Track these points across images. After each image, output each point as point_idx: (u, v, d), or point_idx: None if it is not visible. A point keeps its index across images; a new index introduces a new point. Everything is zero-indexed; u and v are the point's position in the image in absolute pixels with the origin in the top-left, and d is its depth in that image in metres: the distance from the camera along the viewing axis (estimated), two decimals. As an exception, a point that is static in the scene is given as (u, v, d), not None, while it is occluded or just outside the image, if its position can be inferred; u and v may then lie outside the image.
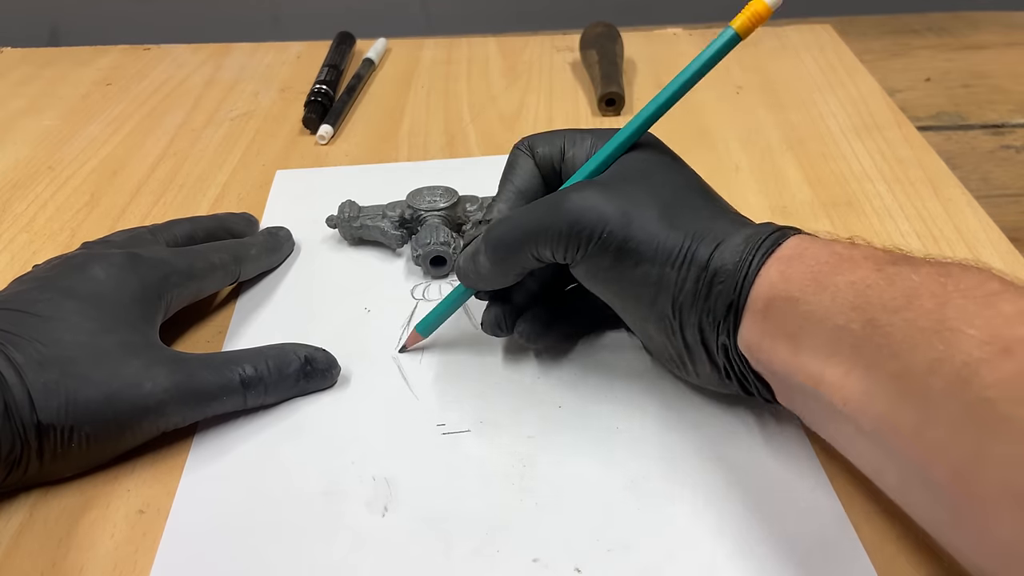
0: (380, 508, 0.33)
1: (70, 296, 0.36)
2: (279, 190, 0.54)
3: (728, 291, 0.31)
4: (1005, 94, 0.68)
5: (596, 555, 0.31)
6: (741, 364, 0.32)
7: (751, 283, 0.30)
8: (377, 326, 0.42)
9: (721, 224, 0.32)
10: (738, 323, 0.31)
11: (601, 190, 0.33)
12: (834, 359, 0.27)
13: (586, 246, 0.33)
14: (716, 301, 0.31)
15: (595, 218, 0.32)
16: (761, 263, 0.30)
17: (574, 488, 0.33)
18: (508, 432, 0.36)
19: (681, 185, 0.35)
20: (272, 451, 0.35)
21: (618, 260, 0.32)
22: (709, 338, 0.32)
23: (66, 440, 0.33)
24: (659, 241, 0.32)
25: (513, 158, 0.39)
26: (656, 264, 0.32)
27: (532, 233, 0.34)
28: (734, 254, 0.31)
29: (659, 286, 0.32)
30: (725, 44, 0.33)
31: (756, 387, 0.32)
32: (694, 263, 0.31)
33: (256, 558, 0.31)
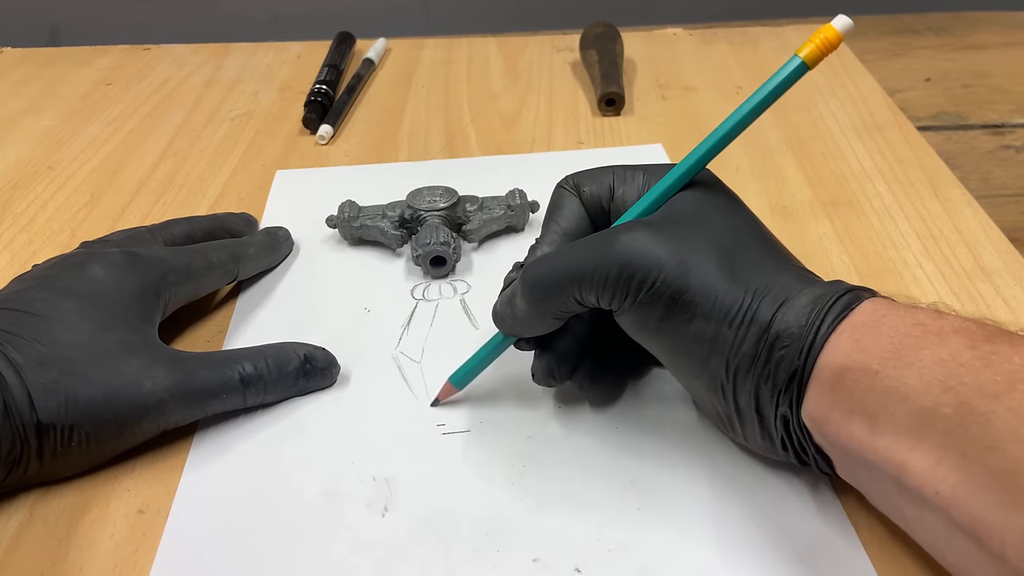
0: (380, 508, 0.33)
1: (69, 295, 0.36)
2: (279, 190, 0.54)
3: (792, 357, 0.28)
4: (1005, 94, 0.68)
5: (596, 555, 0.31)
6: (802, 436, 0.29)
7: (819, 350, 0.28)
8: (377, 326, 0.42)
9: (785, 279, 0.30)
10: (802, 394, 0.28)
11: (655, 231, 0.30)
12: (922, 445, 0.25)
13: (636, 293, 0.30)
14: (777, 367, 0.28)
15: (649, 263, 0.30)
16: (831, 328, 0.28)
17: (574, 488, 0.33)
18: (508, 432, 0.36)
19: (742, 231, 0.32)
20: (272, 451, 0.35)
21: (670, 312, 0.30)
22: (766, 407, 0.29)
23: (66, 439, 0.33)
24: (717, 295, 0.29)
25: (557, 197, 0.36)
26: (712, 321, 0.29)
27: (576, 274, 0.31)
28: (800, 316, 0.28)
29: (713, 345, 0.29)
30: (791, 75, 0.31)
31: (815, 460, 0.30)
32: (754, 323, 0.29)
33: (256, 558, 0.31)
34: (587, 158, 0.57)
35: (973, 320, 0.27)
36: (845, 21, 0.30)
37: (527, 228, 0.49)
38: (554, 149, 0.59)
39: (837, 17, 0.30)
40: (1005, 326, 0.26)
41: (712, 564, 0.30)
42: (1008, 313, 0.41)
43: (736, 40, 0.75)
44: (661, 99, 0.65)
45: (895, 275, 0.44)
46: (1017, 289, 0.43)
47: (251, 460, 0.35)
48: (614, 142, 0.59)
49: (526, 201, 0.48)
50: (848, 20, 0.30)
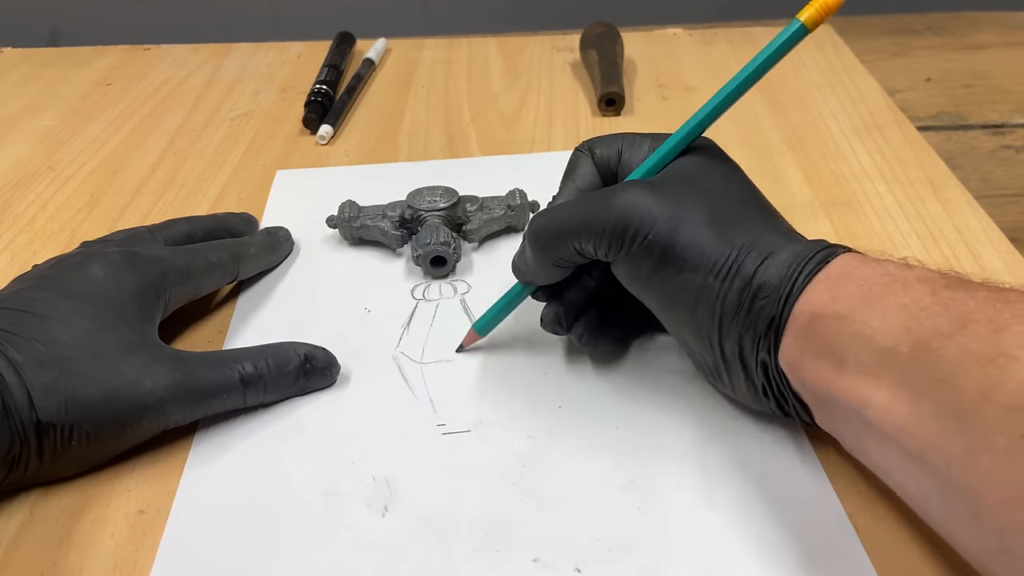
0: (380, 508, 0.33)
1: (68, 295, 0.36)
2: (279, 190, 0.54)
3: (771, 306, 0.30)
4: (1005, 94, 0.68)
5: (596, 555, 0.31)
6: (780, 383, 0.31)
7: (795, 299, 0.30)
8: (377, 326, 0.42)
9: (771, 238, 0.32)
10: (779, 340, 0.30)
11: (651, 190, 0.33)
12: (881, 381, 0.27)
13: (629, 245, 0.32)
14: (758, 316, 0.30)
15: (642, 218, 0.32)
16: (808, 280, 0.30)
17: (574, 488, 0.33)
18: (508, 432, 0.36)
19: (735, 193, 0.34)
20: (272, 451, 0.35)
21: (661, 264, 0.32)
22: (748, 354, 0.31)
23: (66, 438, 0.33)
24: (704, 249, 0.31)
25: (574, 159, 0.38)
26: (699, 273, 0.31)
27: (576, 225, 0.33)
28: (780, 269, 0.30)
29: (700, 295, 0.32)
30: (790, 38, 0.32)
31: (795, 408, 0.32)
32: (738, 275, 0.31)
33: (257, 558, 0.31)
34: (587, 158, 0.57)
35: (938, 271, 0.28)
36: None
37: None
38: (554, 149, 0.59)
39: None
40: (969, 276, 0.28)
41: (712, 564, 0.30)
42: (1008, 313, 0.41)
43: (736, 40, 0.75)
44: (661, 99, 0.65)
45: (895, 275, 0.44)
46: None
47: (251, 460, 0.35)
48: (614, 142, 0.59)
49: (526, 201, 0.48)
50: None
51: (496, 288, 0.45)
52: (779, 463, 0.34)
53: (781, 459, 0.34)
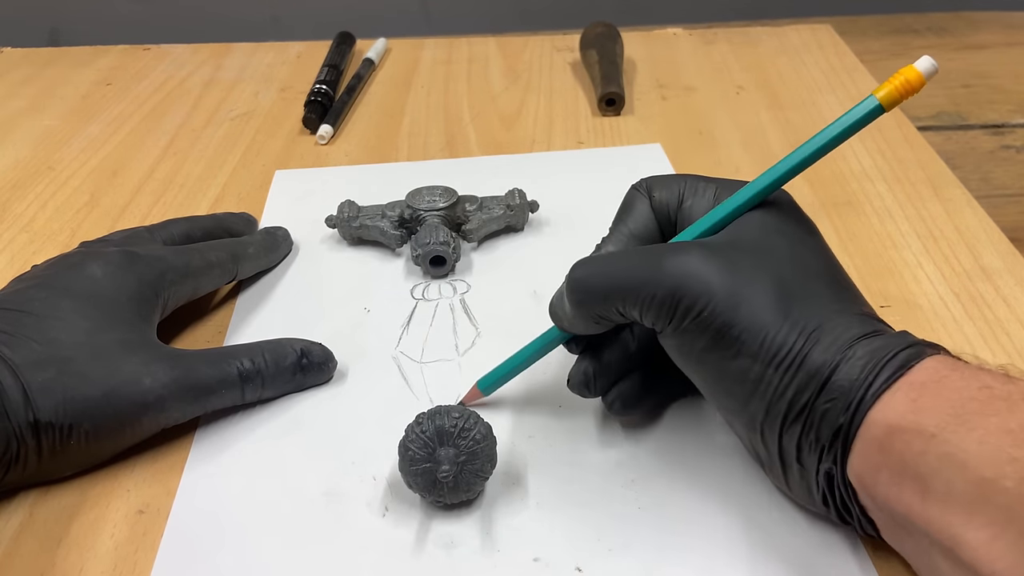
0: (380, 508, 0.33)
1: (67, 295, 0.36)
2: (278, 190, 0.54)
3: (838, 411, 0.26)
4: (1005, 94, 0.68)
5: (597, 554, 0.31)
6: (846, 495, 0.28)
7: (868, 406, 0.26)
8: (377, 326, 0.42)
9: (846, 324, 0.28)
10: (847, 451, 0.27)
11: (710, 257, 0.29)
12: (978, 519, 0.23)
13: (681, 319, 0.29)
14: (822, 419, 0.27)
15: (699, 290, 0.28)
16: (886, 385, 0.26)
17: (575, 487, 0.33)
18: (508, 432, 0.36)
19: (808, 265, 0.30)
20: (273, 452, 0.35)
21: (715, 345, 0.28)
22: (807, 459, 0.28)
23: (65, 438, 0.33)
24: (767, 334, 0.27)
25: (629, 199, 0.35)
26: (758, 361, 0.28)
27: (620, 286, 0.30)
28: (853, 368, 0.26)
29: (756, 386, 0.28)
30: (866, 115, 0.29)
31: (859, 521, 0.28)
32: (802, 369, 0.27)
33: (257, 558, 0.31)
34: (587, 158, 0.57)
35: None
36: (929, 64, 0.28)
37: (527, 228, 0.49)
38: (554, 149, 0.59)
39: (921, 58, 0.28)
40: None
41: (712, 564, 0.30)
42: (1008, 312, 0.41)
43: (736, 40, 0.75)
44: (661, 99, 0.65)
45: (895, 275, 0.44)
46: (1017, 289, 0.43)
47: (252, 461, 0.35)
48: (614, 142, 0.59)
49: (525, 201, 0.48)
50: (933, 63, 0.28)
51: (496, 288, 0.45)
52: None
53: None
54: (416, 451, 0.31)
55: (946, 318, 0.41)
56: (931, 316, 0.41)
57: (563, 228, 0.49)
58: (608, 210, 0.36)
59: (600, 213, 0.50)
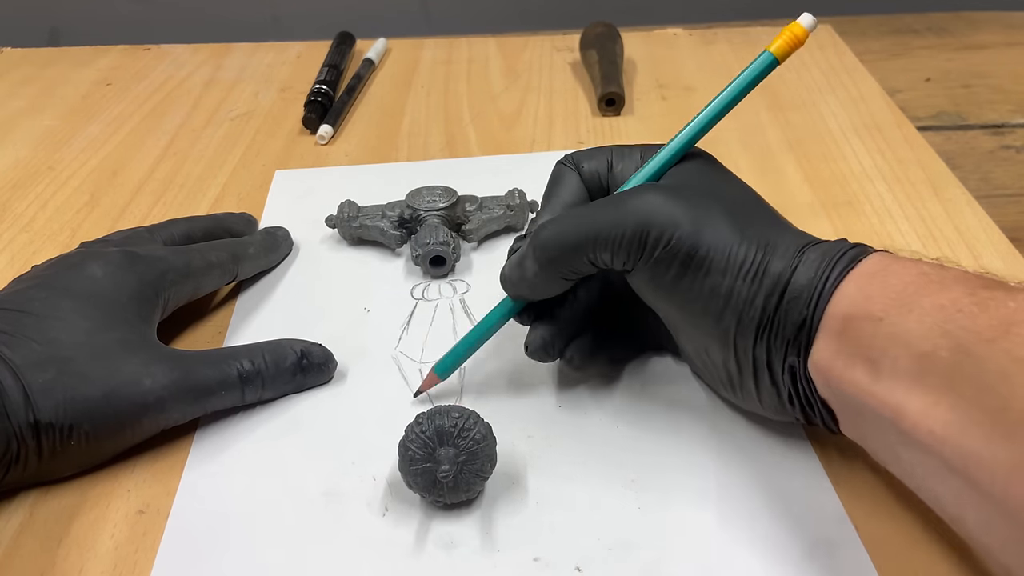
0: (380, 508, 0.33)
1: (67, 295, 0.36)
2: (278, 190, 0.54)
3: (801, 307, 0.29)
4: (1005, 94, 0.68)
5: (597, 554, 0.31)
6: (808, 389, 0.30)
7: (827, 300, 0.28)
8: (377, 326, 0.42)
9: (791, 237, 0.31)
10: (810, 343, 0.29)
11: (668, 193, 0.32)
12: (919, 388, 0.25)
13: (652, 251, 0.31)
14: (786, 317, 0.29)
15: (663, 221, 0.30)
16: (840, 279, 0.28)
17: (575, 487, 0.33)
18: (508, 432, 0.36)
19: (746, 196, 0.33)
20: (273, 452, 0.35)
21: (685, 269, 0.31)
22: (775, 358, 0.30)
23: (65, 438, 0.33)
24: (731, 250, 0.30)
25: (557, 173, 0.37)
26: (727, 275, 0.30)
27: (591, 234, 0.32)
28: (809, 268, 0.29)
29: (728, 299, 0.30)
30: (764, 70, 0.34)
31: (820, 414, 0.30)
32: (767, 276, 0.30)
33: (257, 558, 0.31)
34: (587, 158, 0.57)
35: (973, 272, 0.27)
36: (810, 20, 0.33)
37: (526, 228, 0.49)
38: (554, 149, 0.59)
39: (803, 15, 0.33)
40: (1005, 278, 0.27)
41: (712, 563, 0.30)
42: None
43: (736, 40, 0.75)
44: (661, 99, 0.65)
45: (895, 275, 0.44)
46: (1017, 289, 0.42)
47: (252, 461, 0.35)
48: (614, 142, 0.59)
49: (525, 201, 0.48)
50: (813, 19, 0.33)
51: (496, 288, 0.44)
52: (780, 464, 0.34)
53: (782, 460, 0.34)
54: (416, 451, 0.31)
55: (946, 318, 0.41)
56: (931, 316, 0.41)
57: (563, 228, 0.49)
58: None
59: None
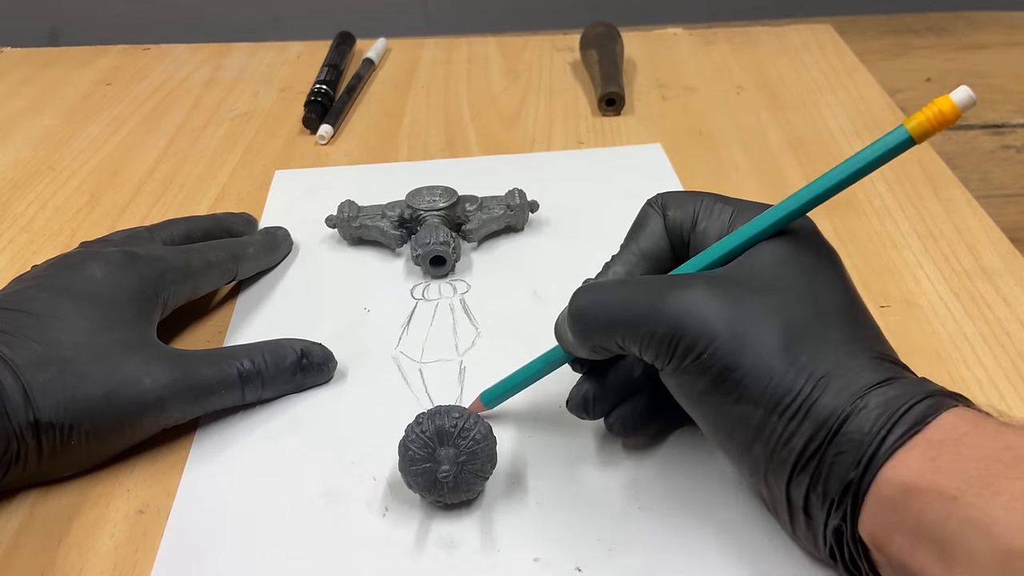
0: (380, 508, 0.33)
1: (67, 295, 0.36)
2: (278, 190, 0.54)
3: (848, 465, 0.25)
4: (1005, 94, 0.68)
5: (597, 554, 0.31)
6: (855, 552, 0.26)
7: (881, 463, 0.24)
8: (377, 326, 0.42)
9: (859, 369, 0.26)
10: (858, 507, 0.25)
11: (714, 293, 0.27)
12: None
13: (681, 359, 0.27)
14: (830, 471, 0.25)
15: (699, 329, 0.27)
16: (901, 441, 0.24)
17: (575, 487, 0.33)
18: (508, 432, 0.36)
19: (824, 302, 0.28)
20: (273, 452, 0.35)
21: (715, 388, 0.27)
22: (816, 511, 0.26)
23: (65, 438, 0.33)
24: (772, 380, 0.26)
25: (643, 215, 0.33)
26: (760, 407, 0.26)
27: (621, 320, 0.29)
28: (865, 420, 0.25)
29: (759, 432, 0.26)
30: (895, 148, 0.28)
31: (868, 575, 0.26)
32: (809, 417, 0.26)
33: (257, 558, 0.31)
34: (587, 158, 0.57)
35: None
36: (966, 95, 0.26)
37: (527, 228, 0.49)
38: (554, 149, 0.59)
39: (959, 88, 0.26)
40: None
41: (714, 563, 0.30)
42: (1008, 312, 0.41)
43: (736, 40, 0.75)
44: (661, 99, 0.65)
45: (895, 275, 0.44)
46: (1017, 289, 0.43)
47: (252, 461, 0.35)
48: (614, 142, 0.59)
49: (525, 201, 0.48)
50: (970, 94, 0.26)
51: (496, 288, 0.45)
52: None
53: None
54: (416, 451, 0.31)
55: (946, 318, 0.41)
56: (931, 316, 0.41)
57: (563, 228, 0.49)
58: (608, 210, 0.36)
59: (600, 213, 0.51)
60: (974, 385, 0.37)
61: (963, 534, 0.22)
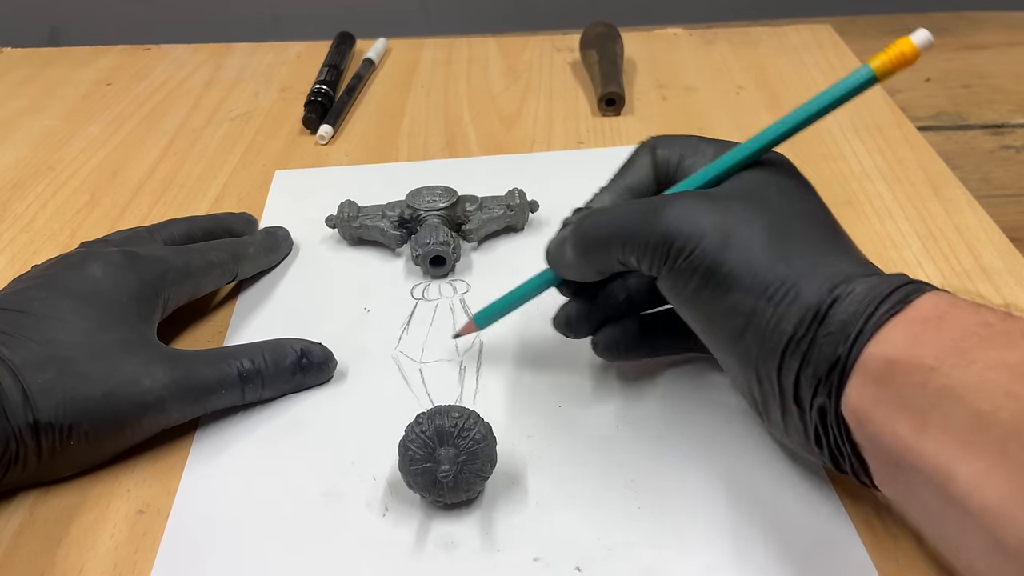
0: (380, 508, 0.33)
1: (67, 295, 0.36)
2: (278, 190, 0.54)
3: (836, 343, 0.26)
4: (1005, 94, 0.68)
5: (597, 554, 0.31)
6: (839, 433, 0.27)
7: (867, 338, 0.25)
8: (377, 326, 0.42)
9: (839, 262, 0.28)
10: (843, 384, 0.26)
11: (703, 202, 0.30)
12: (972, 451, 0.22)
13: (673, 261, 0.29)
14: (819, 352, 0.26)
15: (689, 231, 0.29)
16: (886, 318, 0.25)
17: (575, 487, 0.33)
18: (508, 432, 0.36)
19: (804, 213, 0.30)
20: (273, 451, 0.35)
21: (706, 283, 0.29)
22: (804, 393, 0.27)
23: (65, 438, 0.33)
24: (758, 270, 0.28)
25: (634, 154, 0.35)
26: (751, 294, 0.28)
27: (620, 234, 0.31)
28: (851, 302, 0.26)
29: (750, 319, 0.28)
30: (859, 86, 0.30)
31: (851, 463, 0.27)
32: (797, 301, 0.27)
33: (256, 558, 0.31)
34: (588, 158, 0.57)
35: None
36: (924, 36, 0.28)
37: (527, 228, 0.49)
38: (554, 149, 0.59)
39: (917, 30, 0.29)
40: None
41: (712, 563, 0.30)
42: (1008, 313, 0.41)
43: (736, 40, 0.75)
44: (661, 99, 0.65)
45: (895, 275, 0.44)
46: (1017, 289, 0.43)
47: (252, 460, 0.35)
48: (614, 142, 0.59)
49: (525, 201, 0.48)
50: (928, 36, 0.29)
51: (496, 287, 0.44)
52: (780, 464, 0.33)
53: (782, 460, 0.34)
54: (416, 451, 0.31)
55: (946, 318, 0.41)
56: (931, 316, 0.41)
57: (563, 228, 0.49)
58: None
59: None
60: (974, 385, 0.37)
61: (938, 401, 0.23)
